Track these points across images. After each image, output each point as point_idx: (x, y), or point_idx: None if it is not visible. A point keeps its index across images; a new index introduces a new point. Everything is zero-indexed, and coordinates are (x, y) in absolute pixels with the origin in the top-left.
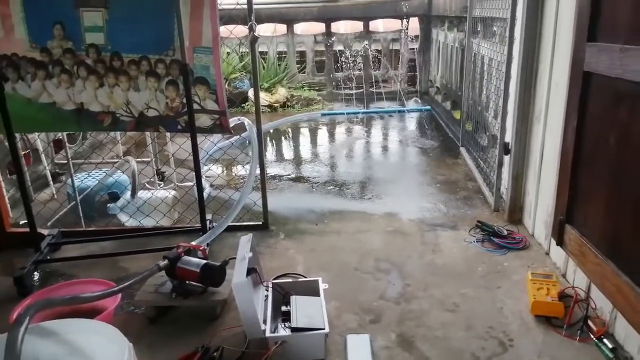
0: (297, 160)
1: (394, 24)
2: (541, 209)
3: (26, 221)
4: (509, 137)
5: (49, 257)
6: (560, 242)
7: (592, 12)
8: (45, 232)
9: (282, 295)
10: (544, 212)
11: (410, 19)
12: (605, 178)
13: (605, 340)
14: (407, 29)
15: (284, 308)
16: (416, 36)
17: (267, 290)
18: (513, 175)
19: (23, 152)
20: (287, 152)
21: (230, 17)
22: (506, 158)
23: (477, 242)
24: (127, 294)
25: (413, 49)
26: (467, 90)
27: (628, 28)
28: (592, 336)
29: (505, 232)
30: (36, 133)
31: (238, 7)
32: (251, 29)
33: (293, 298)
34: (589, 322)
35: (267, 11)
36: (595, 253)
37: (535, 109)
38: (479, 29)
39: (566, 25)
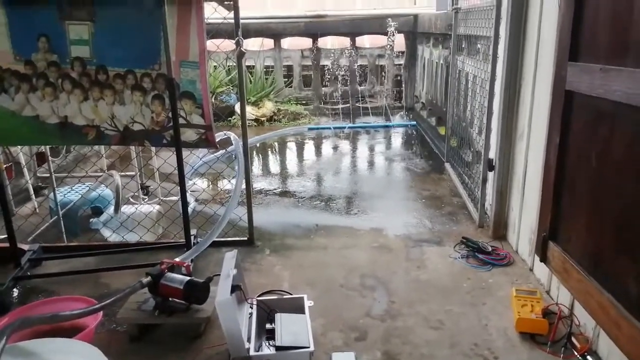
0: (284, 175)
1: (380, 40)
2: (525, 225)
3: (6, 236)
4: (493, 154)
5: (29, 273)
6: (543, 259)
7: (573, 32)
8: (25, 247)
9: (266, 313)
10: (527, 229)
11: (396, 35)
12: (587, 196)
13: (588, 357)
14: (392, 45)
15: (268, 326)
16: (402, 52)
17: (252, 308)
18: (497, 192)
19: (5, 165)
20: (274, 166)
21: (217, 32)
22: (490, 174)
23: (462, 258)
24: (109, 311)
25: (399, 64)
26: (452, 106)
27: (608, 49)
28: (575, 353)
29: (490, 249)
30: (19, 146)
31: (225, 21)
32: (238, 44)
33: (278, 316)
34: (573, 339)
35: (254, 26)
36: (578, 270)
37: (518, 126)
38: (463, 46)
39: (548, 44)
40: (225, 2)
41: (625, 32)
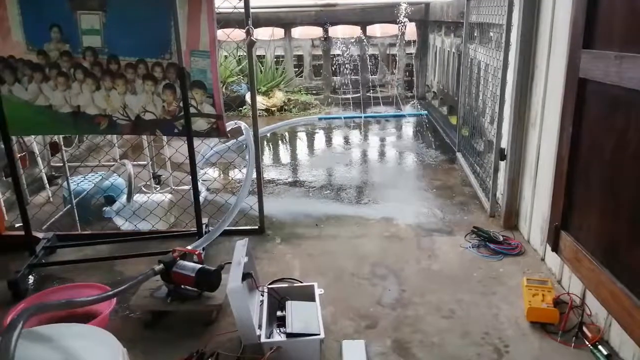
0: (294, 164)
1: (391, 29)
2: (537, 215)
3: (21, 224)
4: (504, 143)
5: (44, 261)
6: (555, 249)
7: (587, 19)
8: (40, 235)
9: (277, 300)
10: (539, 218)
11: (408, 24)
12: (601, 185)
13: (600, 347)
14: (404, 34)
15: (279, 313)
16: (413, 41)
17: (263, 295)
18: (509, 181)
19: (19, 155)
20: (284, 156)
21: (227, 21)
22: (502, 164)
23: (473, 247)
24: (123, 298)
25: (410, 53)
26: (464, 95)
27: (623, 35)
28: (587, 343)
29: (501, 238)
30: (32, 136)
31: (235, 11)
32: (248, 33)
33: (288, 303)
34: (584, 329)
35: (265, 15)
36: (590, 259)
37: (531, 114)
38: (475, 35)
39: (562, 31)
40: None
41: None
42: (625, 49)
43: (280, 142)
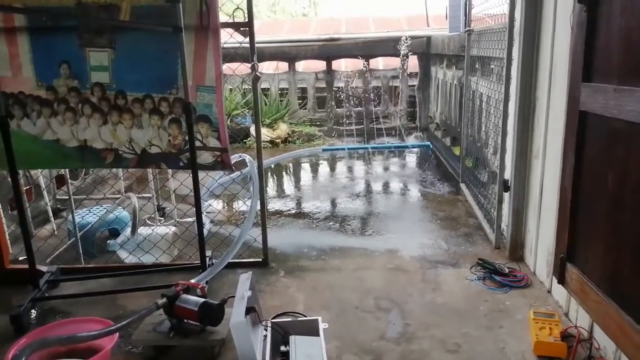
0: (298, 196)
1: (393, 62)
2: (542, 246)
3: (25, 257)
4: (508, 174)
5: (47, 295)
6: (561, 281)
7: (586, 53)
8: (44, 268)
9: (281, 335)
10: (545, 250)
11: (410, 56)
12: (605, 217)
13: None
14: (406, 66)
15: (283, 348)
16: (416, 73)
17: (266, 330)
18: (513, 212)
19: (25, 188)
20: (288, 187)
21: (233, 56)
22: (506, 195)
23: (478, 280)
24: (125, 332)
25: (413, 85)
26: (466, 127)
27: (621, 69)
28: None
29: (507, 270)
30: (39, 169)
31: (241, 46)
32: (253, 69)
33: (292, 338)
34: None
35: (270, 49)
36: (596, 292)
37: (533, 146)
38: (477, 67)
39: (562, 65)
40: (241, 28)
41: (637, 52)
42: (623, 82)
43: (284, 173)
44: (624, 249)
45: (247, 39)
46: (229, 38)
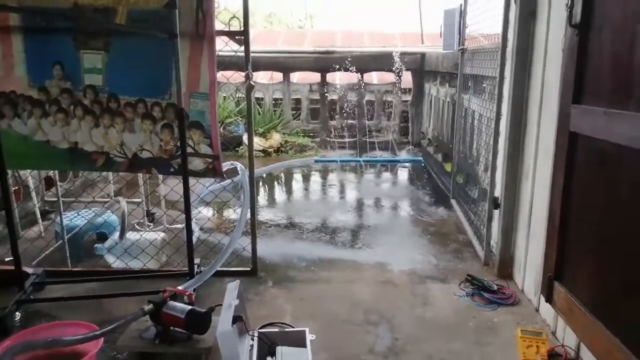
0: (289, 206)
1: (387, 77)
2: (531, 265)
3: (11, 258)
4: (498, 192)
5: (32, 297)
6: (549, 300)
7: (576, 76)
8: (30, 270)
9: (267, 346)
10: (533, 268)
11: (404, 72)
12: (593, 237)
13: None
14: (400, 82)
15: (269, 359)
16: (409, 89)
17: (253, 340)
18: (503, 230)
19: (13, 188)
20: (279, 197)
21: (228, 64)
22: (496, 212)
23: (467, 296)
24: (110, 338)
25: (406, 101)
26: (458, 143)
27: (611, 92)
28: None
29: (495, 287)
30: (28, 170)
31: (236, 55)
32: (248, 77)
33: (279, 349)
34: None
35: (265, 60)
36: (583, 312)
37: (524, 165)
38: (469, 85)
39: (553, 86)
40: (237, 37)
41: (627, 77)
42: (613, 106)
43: (275, 183)
44: (612, 269)
45: (243, 48)
46: (224, 46)
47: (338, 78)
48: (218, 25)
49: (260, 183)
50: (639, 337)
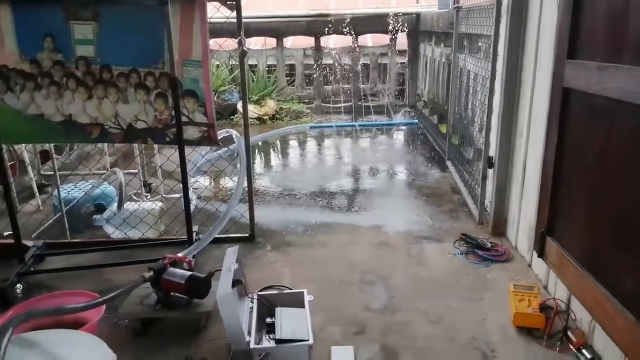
0: (285, 173)
1: (382, 39)
2: (524, 222)
3: (11, 232)
4: (493, 151)
5: (32, 269)
6: (541, 254)
7: (571, 31)
8: (29, 243)
9: (267, 307)
10: (526, 225)
11: (399, 34)
12: (585, 192)
13: (584, 351)
14: (395, 43)
15: (268, 320)
16: (404, 51)
17: (252, 302)
18: (497, 189)
19: (9, 163)
20: (275, 164)
21: (220, 31)
22: (490, 172)
23: (461, 254)
24: (112, 305)
25: (402, 63)
26: (453, 104)
27: (605, 46)
28: (571, 347)
29: (489, 245)
30: (23, 144)
31: (228, 21)
32: (240, 43)
33: (278, 310)
34: (569, 333)
35: (257, 25)
36: (574, 265)
37: (518, 124)
38: (465, 45)
39: (548, 43)
40: (228, 2)
41: (621, 30)
42: (607, 60)
43: (271, 150)
44: (602, 223)
45: (234, 13)
46: (216, 12)
47: (332, 42)
48: None
49: (256, 151)
50: (626, 287)
